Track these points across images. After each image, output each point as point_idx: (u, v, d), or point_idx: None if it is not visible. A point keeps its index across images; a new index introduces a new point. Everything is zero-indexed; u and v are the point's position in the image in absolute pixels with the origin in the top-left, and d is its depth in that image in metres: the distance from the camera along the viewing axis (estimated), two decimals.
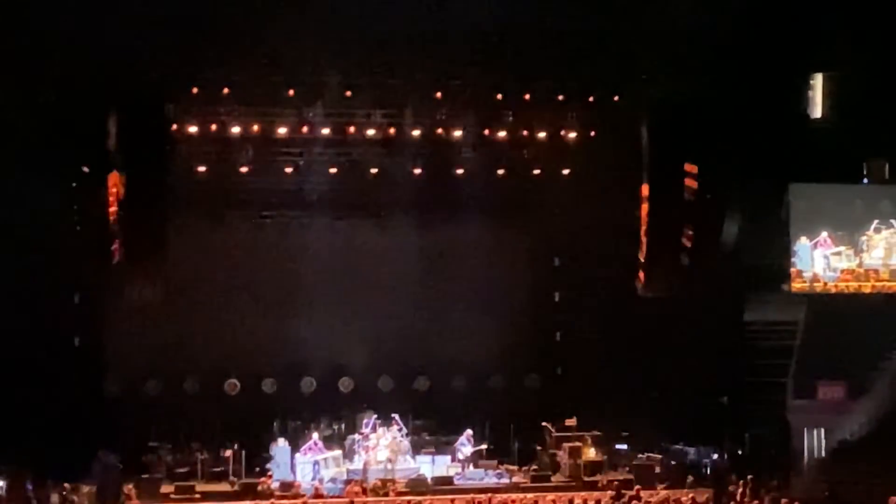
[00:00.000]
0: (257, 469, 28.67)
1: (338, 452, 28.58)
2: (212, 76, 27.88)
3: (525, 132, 30.51)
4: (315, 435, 28.73)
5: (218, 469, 28.49)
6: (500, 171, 31.67)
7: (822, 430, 29.26)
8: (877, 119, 29.39)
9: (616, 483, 25.61)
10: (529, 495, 25.32)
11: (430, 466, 28.59)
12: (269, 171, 31.11)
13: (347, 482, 27.08)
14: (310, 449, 28.25)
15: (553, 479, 28.32)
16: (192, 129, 28.95)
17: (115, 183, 27.00)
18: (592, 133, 30.70)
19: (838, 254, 30.32)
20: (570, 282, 34.01)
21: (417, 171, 31.04)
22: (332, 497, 26.31)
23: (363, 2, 26.40)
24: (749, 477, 25.07)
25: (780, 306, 30.84)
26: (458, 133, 30.07)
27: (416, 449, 29.26)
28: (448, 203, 32.19)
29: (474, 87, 28.98)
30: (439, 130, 30.13)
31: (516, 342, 33.51)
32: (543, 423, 30.18)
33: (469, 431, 29.43)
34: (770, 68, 28.99)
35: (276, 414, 30.84)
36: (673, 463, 28.73)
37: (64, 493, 25.38)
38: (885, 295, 30.42)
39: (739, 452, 29.97)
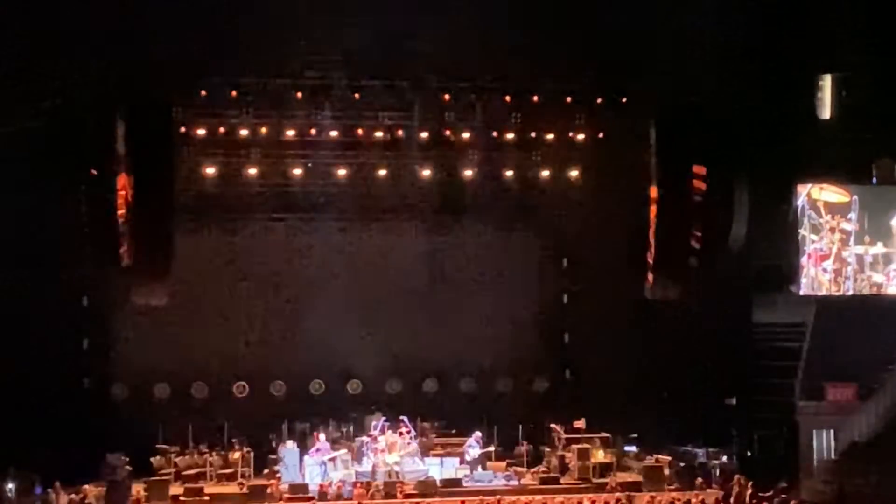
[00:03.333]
0: (266, 471, 28.70)
1: (343, 451, 28.57)
2: (219, 79, 27.93)
3: (533, 134, 30.55)
4: (322, 436, 28.71)
5: (226, 471, 28.52)
6: (509, 173, 31.66)
7: (831, 432, 29.18)
8: (885, 120, 29.33)
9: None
10: (538, 497, 25.32)
11: (439, 468, 28.57)
12: (276, 174, 31.15)
13: (355, 484, 27.07)
14: (317, 450, 28.25)
15: (562, 480, 28.24)
16: (200, 132, 29.01)
17: (123, 186, 27.03)
18: (601, 135, 30.71)
19: None
20: (578, 283, 33.95)
21: (425, 173, 31.06)
22: (343, 499, 26.28)
23: (370, 4, 26.41)
24: (758, 479, 25.04)
25: (789, 307, 30.80)
26: (466, 135, 30.07)
27: (425, 451, 29.27)
28: (456, 205, 32.17)
29: (482, 89, 28.98)
30: (447, 132, 30.14)
31: (525, 344, 33.51)
32: (552, 425, 30.17)
33: (478, 433, 29.39)
34: (778, 69, 28.98)
35: (284, 416, 30.84)
36: (681, 465, 28.65)
37: (73, 495, 25.40)
38: (892, 296, 30.36)
39: (748, 454, 29.94)
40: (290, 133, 29.47)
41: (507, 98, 29.33)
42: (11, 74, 25.55)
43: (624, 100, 29.50)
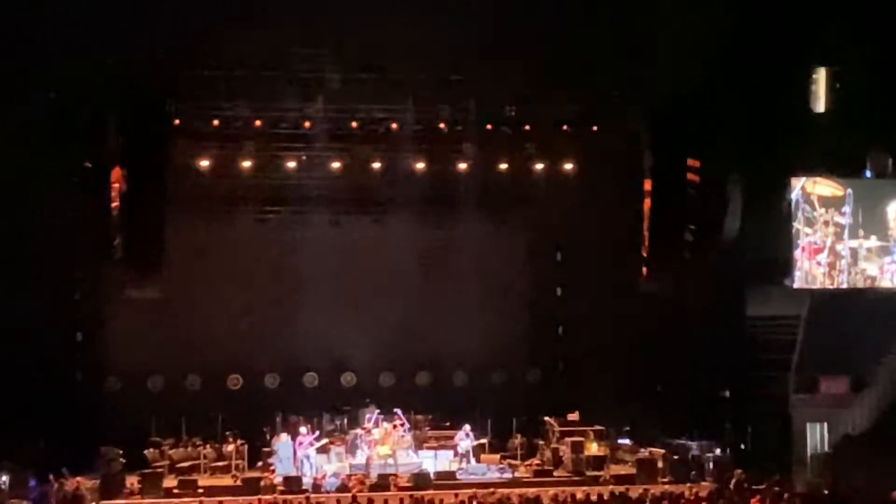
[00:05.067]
0: (259, 463, 28.70)
1: (324, 442, 28.61)
2: (213, 71, 27.88)
3: (526, 126, 30.50)
4: (303, 429, 28.62)
5: (220, 463, 28.53)
6: (502, 166, 31.66)
7: (825, 425, 29.24)
8: (879, 113, 29.33)
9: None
10: (532, 490, 25.28)
11: (433, 461, 28.60)
12: (270, 167, 31.16)
13: (349, 477, 27.09)
14: (300, 444, 28.22)
15: (555, 473, 28.29)
16: (194, 125, 28.92)
17: (116, 178, 27.00)
18: (594, 127, 30.69)
19: None
20: (572, 276, 33.98)
21: (419, 165, 31.07)
22: (334, 492, 26.26)
23: None
24: (751, 471, 25.07)
25: (783, 300, 30.82)
26: (459, 128, 30.04)
27: (419, 444, 29.29)
28: (450, 197, 32.19)
29: (476, 81, 28.95)
30: (441, 125, 30.12)
31: (518, 337, 33.53)
32: (546, 418, 30.20)
33: (467, 426, 29.36)
34: (773, 62, 28.94)
35: (278, 408, 30.85)
36: (675, 457, 28.65)
37: (67, 487, 25.36)
38: (886, 290, 30.40)
39: (741, 447, 29.98)
40: (284, 126, 29.43)
41: (501, 91, 29.29)
42: (5, 68, 25.49)
43: (618, 92, 29.49)
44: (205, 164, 30.23)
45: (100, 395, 30.68)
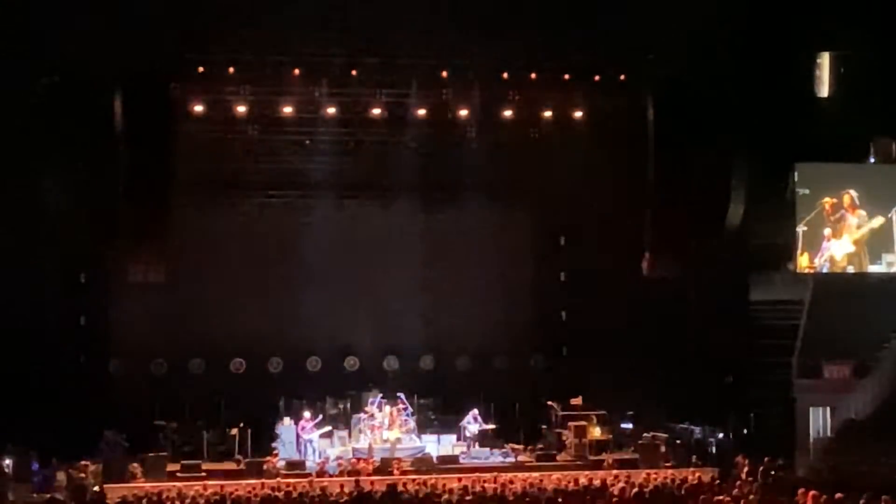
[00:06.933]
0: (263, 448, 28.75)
1: (327, 429, 28.66)
2: (217, 55, 27.85)
3: (531, 111, 30.45)
4: (307, 413, 28.66)
5: (223, 447, 28.57)
6: (506, 151, 31.60)
7: (828, 410, 29.27)
8: (883, 98, 29.30)
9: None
10: (535, 474, 25.37)
11: (436, 445, 28.65)
12: (274, 151, 31.09)
13: (357, 461, 27.15)
14: (303, 428, 28.28)
15: (558, 458, 28.36)
16: (198, 109, 28.92)
17: (121, 162, 26.99)
18: (598, 113, 30.62)
19: None
20: (575, 261, 33.88)
21: (423, 150, 31.00)
22: (336, 475, 26.32)
23: None
24: (754, 456, 25.11)
25: (786, 285, 30.82)
26: (463, 112, 30.02)
27: (422, 428, 29.34)
28: (454, 182, 32.11)
29: (480, 66, 28.91)
30: (445, 109, 30.07)
31: (522, 322, 33.49)
32: (549, 403, 30.24)
33: (475, 410, 29.44)
34: (777, 47, 28.91)
35: (281, 393, 30.87)
36: (678, 442, 28.75)
37: (70, 471, 25.44)
38: (889, 275, 30.40)
39: (744, 432, 29.99)
40: (288, 109, 29.41)
41: (505, 75, 29.25)
42: (10, 51, 25.48)
43: (622, 77, 29.44)
44: (209, 147, 30.18)
45: (103, 378, 30.67)
